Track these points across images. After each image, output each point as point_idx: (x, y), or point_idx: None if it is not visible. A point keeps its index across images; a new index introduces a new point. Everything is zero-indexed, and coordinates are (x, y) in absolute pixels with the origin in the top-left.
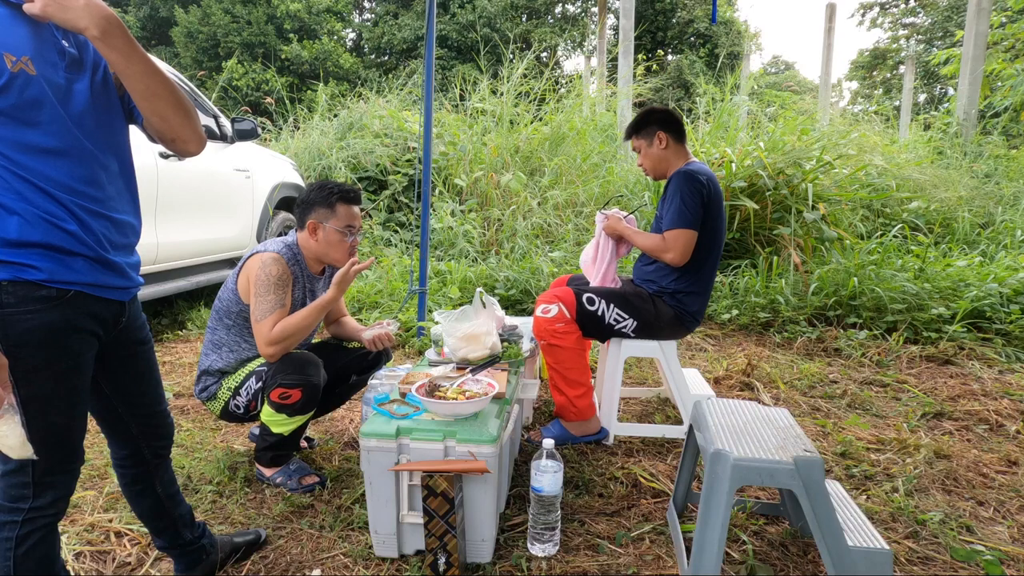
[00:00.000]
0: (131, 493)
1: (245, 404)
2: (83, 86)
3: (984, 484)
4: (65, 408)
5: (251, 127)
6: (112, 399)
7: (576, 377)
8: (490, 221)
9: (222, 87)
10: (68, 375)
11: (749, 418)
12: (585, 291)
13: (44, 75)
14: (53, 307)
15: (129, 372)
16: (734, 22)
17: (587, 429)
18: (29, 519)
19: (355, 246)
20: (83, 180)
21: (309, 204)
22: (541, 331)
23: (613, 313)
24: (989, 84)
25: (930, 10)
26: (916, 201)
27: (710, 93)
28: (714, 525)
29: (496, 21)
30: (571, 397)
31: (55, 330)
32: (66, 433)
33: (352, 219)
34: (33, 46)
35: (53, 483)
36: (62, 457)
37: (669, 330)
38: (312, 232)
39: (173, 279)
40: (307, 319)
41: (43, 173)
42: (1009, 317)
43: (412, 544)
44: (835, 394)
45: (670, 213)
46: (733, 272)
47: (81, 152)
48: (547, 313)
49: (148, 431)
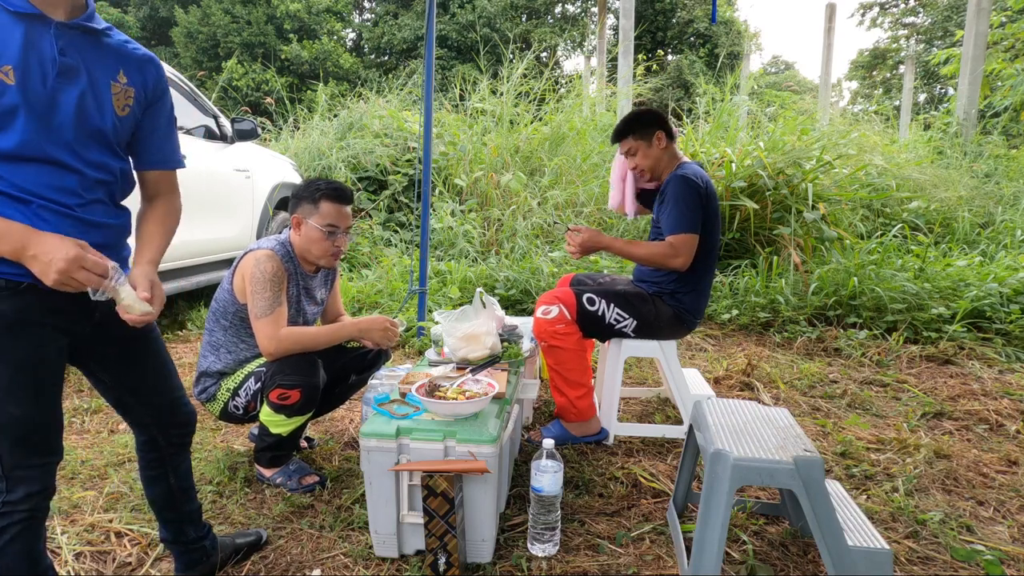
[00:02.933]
0: (146, 477)
1: (244, 405)
2: (70, 97)
3: (984, 484)
4: (24, 401)
5: (251, 127)
6: (116, 389)
7: (576, 378)
8: (490, 221)
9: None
10: (24, 367)
11: (749, 418)
12: (585, 291)
13: (24, 84)
14: (4, 298)
15: (128, 363)
16: (734, 22)
17: (587, 429)
18: (5, 512)
19: (341, 247)
20: (52, 187)
21: (297, 199)
22: (542, 332)
23: (613, 313)
24: (989, 84)
25: (930, 10)
26: (916, 201)
27: (710, 93)
28: (714, 525)
29: (496, 21)
30: (572, 398)
31: (8, 321)
32: (28, 427)
33: (337, 218)
34: (20, 55)
35: (22, 478)
36: (27, 451)
37: (669, 329)
38: (296, 227)
39: (173, 279)
40: (321, 338)
41: (9, 178)
42: (1009, 317)
43: (412, 544)
44: (835, 394)
45: (671, 218)
46: (733, 272)
47: (53, 160)
48: (547, 315)
49: (160, 420)
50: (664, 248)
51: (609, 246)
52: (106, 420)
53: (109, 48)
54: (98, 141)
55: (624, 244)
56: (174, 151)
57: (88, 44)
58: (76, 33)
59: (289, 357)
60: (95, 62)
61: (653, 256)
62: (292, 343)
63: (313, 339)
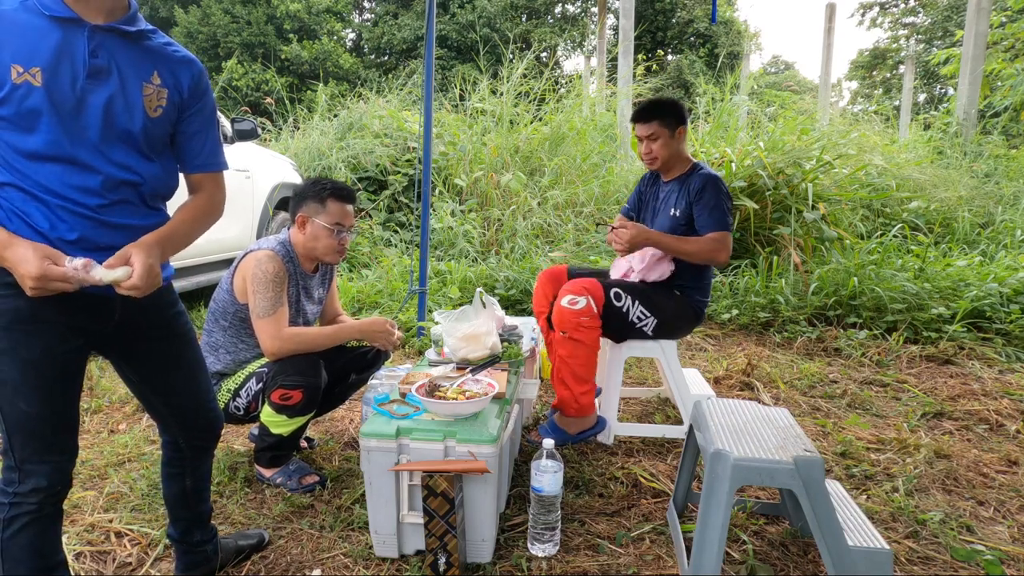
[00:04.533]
0: (164, 473)
1: (245, 406)
2: (99, 99)
3: (984, 484)
4: (33, 397)
5: (251, 127)
6: (141, 386)
7: (585, 374)
8: (490, 221)
9: (222, 87)
10: (34, 364)
11: (749, 418)
12: (613, 286)
13: (50, 86)
14: (20, 294)
15: (153, 363)
16: (734, 22)
17: (583, 425)
18: (15, 503)
19: (345, 245)
20: (73, 187)
21: (301, 198)
22: (565, 323)
23: (637, 310)
24: (989, 84)
25: (930, 10)
26: (916, 201)
27: (710, 93)
28: (714, 525)
29: (496, 21)
30: (576, 393)
31: (22, 317)
32: (37, 423)
33: (343, 217)
34: (51, 57)
35: (31, 472)
36: (36, 447)
37: (684, 326)
38: (301, 226)
39: (173, 279)
40: (322, 339)
41: (32, 177)
42: (1009, 317)
43: (412, 544)
44: (835, 394)
45: (715, 216)
46: (733, 272)
47: (77, 161)
48: (574, 304)
49: (184, 422)
50: (712, 244)
51: (659, 242)
52: (106, 420)
53: (147, 50)
54: (125, 142)
55: (673, 240)
56: (214, 153)
57: (123, 46)
58: (111, 35)
59: (291, 358)
60: (128, 64)
61: (703, 251)
62: (295, 343)
63: (315, 339)
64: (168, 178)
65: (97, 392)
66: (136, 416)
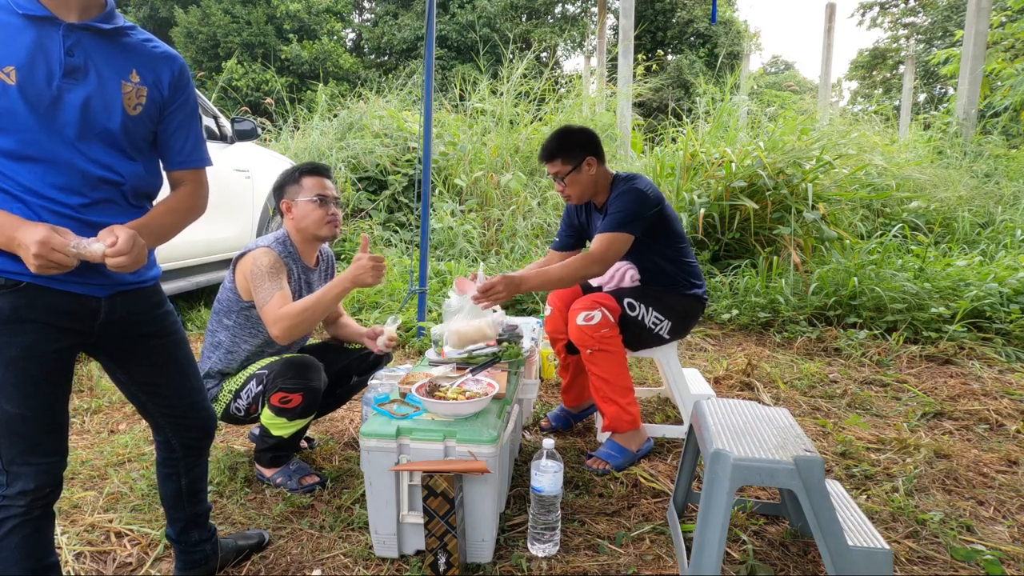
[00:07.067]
0: (159, 474)
1: (246, 407)
2: (76, 97)
3: (984, 484)
4: (18, 398)
5: (251, 127)
6: (131, 386)
7: (624, 383)
8: (490, 221)
9: (222, 87)
10: (18, 364)
11: (749, 418)
12: (624, 295)
13: (25, 85)
14: (3, 295)
15: (141, 363)
16: (734, 22)
17: (641, 438)
18: (4, 506)
19: (335, 217)
20: (55, 186)
21: (280, 188)
22: (587, 340)
23: (652, 316)
24: (989, 84)
25: (930, 10)
26: (916, 201)
27: (710, 93)
28: (714, 525)
29: (496, 21)
30: (623, 405)
31: (5, 317)
32: (21, 424)
33: (320, 188)
34: (26, 56)
35: (18, 474)
36: (22, 449)
37: (694, 316)
38: (288, 212)
39: (173, 279)
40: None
41: (12, 177)
42: (1009, 317)
43: (412, 544)
44: (835, 394)
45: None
46: (733, 272)
47: (55, 159)
48: (591, 320)
49: (174, 422)
50: (581, 260)
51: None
52: (106, 420)
53: (125, 47)
54: (105, 141)
55: (537, 275)
56: (196, 149)
57: (99, 44)
58: (87, 33)
59: (292, 360)
60: (105, 62)
61: (571, 272)
62: (292, 319)
63: (311, 308)
64: (151, 177)
65: (97, 392)
66: (136, 416)
